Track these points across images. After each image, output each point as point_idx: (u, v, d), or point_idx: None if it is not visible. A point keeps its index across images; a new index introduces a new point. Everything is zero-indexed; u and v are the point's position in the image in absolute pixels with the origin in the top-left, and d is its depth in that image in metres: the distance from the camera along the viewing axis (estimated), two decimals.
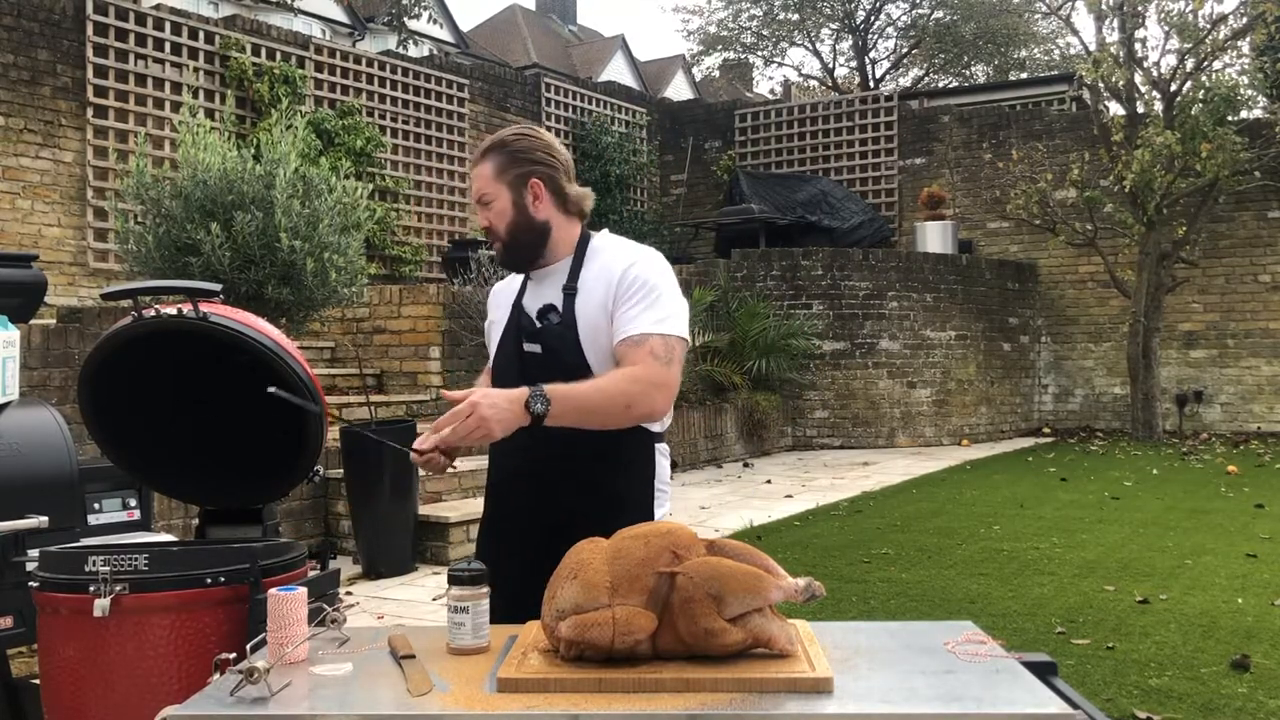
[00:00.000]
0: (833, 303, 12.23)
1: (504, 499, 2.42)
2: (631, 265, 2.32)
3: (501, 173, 2.35)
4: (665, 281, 2.33)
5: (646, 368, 2.22)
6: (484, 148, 2.39)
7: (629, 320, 2.27)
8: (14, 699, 2.73)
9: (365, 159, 12.11)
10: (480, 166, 2.37)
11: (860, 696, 1.62)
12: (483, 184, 2.36)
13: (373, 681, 1.72)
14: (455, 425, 2.07)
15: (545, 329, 2.34)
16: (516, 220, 2.36)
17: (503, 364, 2.42)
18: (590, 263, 2.37)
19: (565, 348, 2.30)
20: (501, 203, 2.35)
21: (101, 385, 2.46)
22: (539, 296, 2.39)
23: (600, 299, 2.31)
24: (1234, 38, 12.64)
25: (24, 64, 9.68)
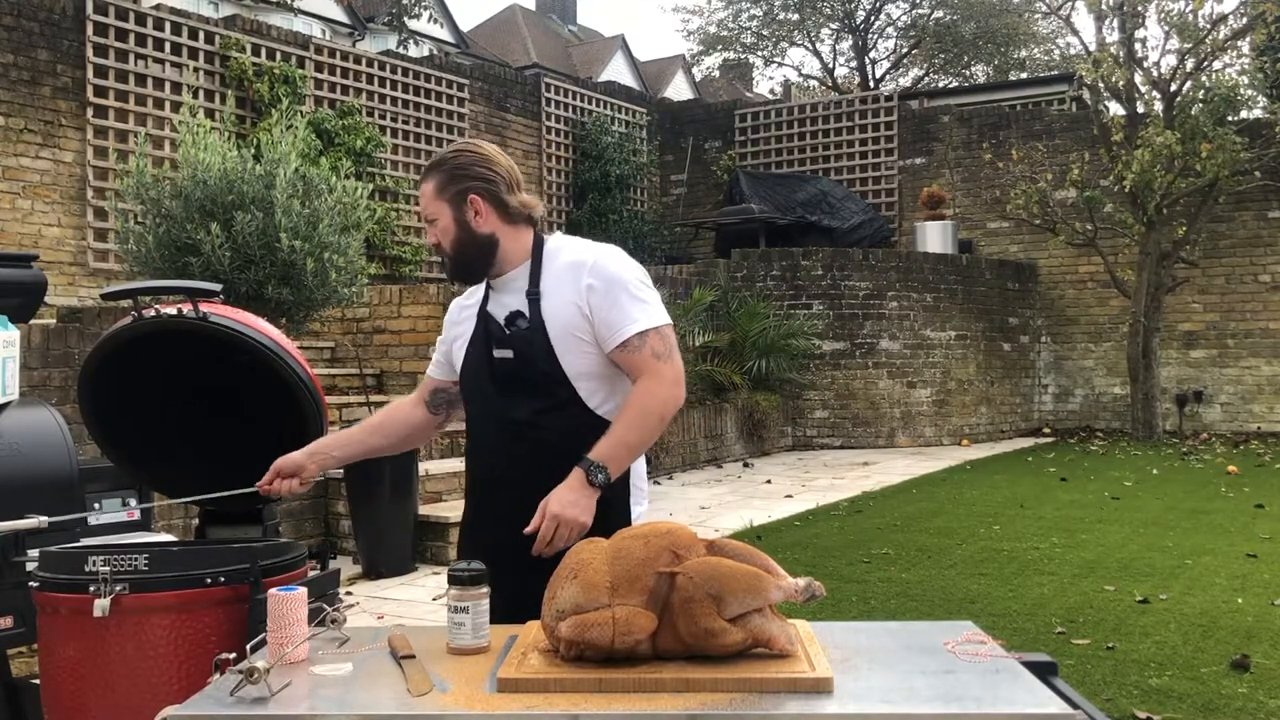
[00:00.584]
0: (833, 303, 12.23)
1: (483, 504, 2.44)
2: (596, 263, 2.35)
3: (441, 191, 2.39)
4: (634, 273, 2.38)
5: (656, 375, 2.30)
6: (427, 167, 2.44)
7: (617, 324, 2.31)
8: (14, 699, 2.73)
9: (365, 159, 12.11)
10: (423, 187, 2.41)
11: (860, 696, 1.62)
12: (425, 203, 2.41)
13: (373, 681, 1.72)
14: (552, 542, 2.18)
15: (515, 334, 2.36)
16: (459, 236, 2.39)
17: (472, 371, 2.44)
18: (549, 265, 2.40)
19: (536, 351, 2.33)
20: (444, 220, 2.39)
21: (101, 385, 2.46)
22: (503, 304, 2.42)
23: (568, 298, 2.34)
24: (1234, 38, 12.63)
25: (24, 64, 9.68)
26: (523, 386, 2.35)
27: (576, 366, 2.33)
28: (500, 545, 2.29)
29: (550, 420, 2.33)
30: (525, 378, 2.35)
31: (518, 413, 2.35)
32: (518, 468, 2.34)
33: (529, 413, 2.34)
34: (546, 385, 2.34)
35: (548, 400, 2.34)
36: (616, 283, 2.33)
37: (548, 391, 2.34)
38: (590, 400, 2.35)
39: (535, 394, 2.34)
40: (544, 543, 2.18)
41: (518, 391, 2.35)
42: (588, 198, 15.27)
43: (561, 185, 15.32)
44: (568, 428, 2.33)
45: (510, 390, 2.36)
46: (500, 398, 2.37)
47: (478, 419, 2.45)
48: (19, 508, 2.67)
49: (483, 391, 2.41)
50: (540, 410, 2.34)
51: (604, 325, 2.31)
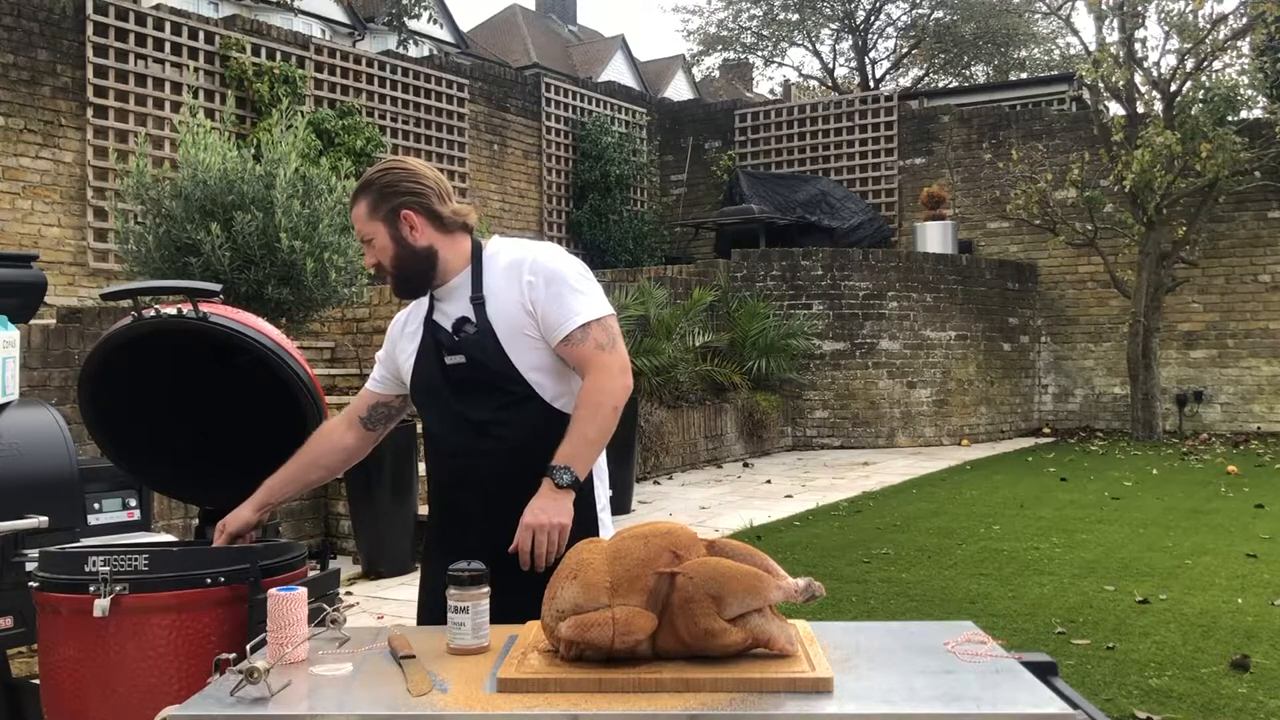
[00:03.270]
0: (833, 303, 12.23)
1: (451, 506, 2.45)
2: (535, 260, 2.39)
3: (374, 211, 2.40)
4: (571, 267, 2.42)
5: (601, 367, 2.34)
6: (355, 190, 2.45)
7: (560, 318, 2.35)
8: (14, 699, 2.72)
9: (365, 159, 12.10)
10: (355, 210, 2.43)
11: (860, 696, 1.62)
12: (360, 225, 2.42)
13: (373, 681, 1.72)
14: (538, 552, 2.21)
15: (465, 339, 2.39)
16: (399, 253, 2.41)
17: (425, 380, 2.46)
18: (489, 268, 2.43)
19: (488, 354, 2.37)
20: (381, 239, 2.41)
21: (101, 385, 2.46)
22: (448, 313, 2.44)
23: (512, 298, 2.37)
24: (1234, 38, 12.63)
25: (24, 64, 9.68)
26: (479, 388, 2.38)
27: (529, 362, 2.38)
28: (471, 547, 2.28)
29: (510, 416, 2.37)
30: (480, 380, 2.38)
31: (478, 413, 2.38)
32: (484, 466, 2.37)
33: (489, 411, 2.37)
34: (502, 384, 2.37)
35: (506, 397, 2.37)
36: (556, 277, 2.37)
37: (504, 390, 2.37)
38: (545, 394, 2.39)
39: (492, 393, 2.37)
40: (526, 554, 2.20)
41: (475, 393, 2.38)
42: (588, 198, 15.27)
43: (561, 185, 15.32)
44: (528, 422, 2.37)
45: (467, 393, 2.39)
46: (459, 401, 2.39)
47: (439, 425, 2.46)
48: (19, 508, 2.67)
49: (439, 398, 2.43)
50: (500, 407, 2.37)
51: (547, 320, 2.35)
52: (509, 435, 2.36)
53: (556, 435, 2.35)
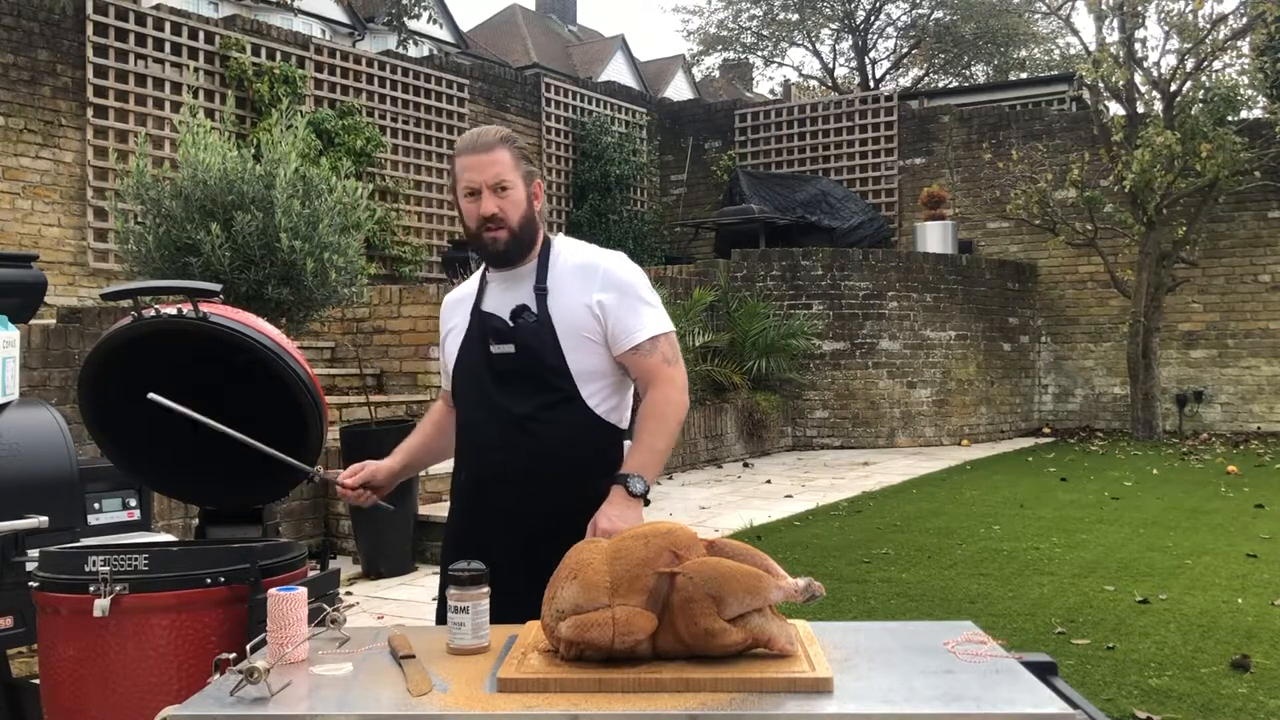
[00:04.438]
0: (833, 303, 12.23)
1: (483, 501, 2.41)
2: (609, 268, 2.40)
3: (517, 165, 2.38)
4: (642, 279, 2.43)
5: (669, 382, 2.39)
6: (495, 137, 2.38)
7: (632, 328, 2.36)
8: (14, 699, 2.72)
9: (365, 159, 12.11)
10: (496, 153, 2.36)
11: (860, 696, 1.62)
12: (503, 170, 2.35)
13: (373, 681, 1.72)
14: None
15: (521, 327, 2.35)
16: (526, 214, 2.39)
17: (466, 368, 2.43)
18: (555, 264, 2.42)
19: (544, 346, 2.34)
20: (518, 193, 2.37)
21: (101, 385, 2.46)
22: (506, 299, 2.40)
23: (579, 299, 2.36)
24: (1234, 38, 12.63)
25: (24, 64, 9.68)
26: (525, 382, 2.35)
27: (582, 365, 2.35)
28: (502, 544, 2.29)
29: (552, 415, 2.34)
30: (528, 373, 2.35)
31: (521, 408, 2.34)
32: (518, 463, 2.33)
33: (532, 408, 2.34)
34: (549, 380, 2.34)
35: (551, 395, 2.34)
36: (630, 287, 2.40)
37: (552, 387, 2.34)
38: (591, 400, 2.36)
39: (539, 389, 2.34)
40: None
41: (519, 387, 2.35)
42: (588, 198, 15.27)
43: (561, 185, 15.31)
44: (568, 424, 2.34)
45: (511, 386, 2.35)
46: (501, 393, 2.35)
47: (475, 415, 2.42)
48: (19, 508, 2.67)
49: (481, 388, 2.39)
50: (543, 406, 2.34)
51: (618, 328, 2.37)
52: (548, 434, 2.33)
53: (594, 440, 2.35)
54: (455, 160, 2.43)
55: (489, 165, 2.35)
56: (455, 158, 2.43)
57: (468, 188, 2.37)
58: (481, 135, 2.40)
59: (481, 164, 2.36)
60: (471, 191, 2.37)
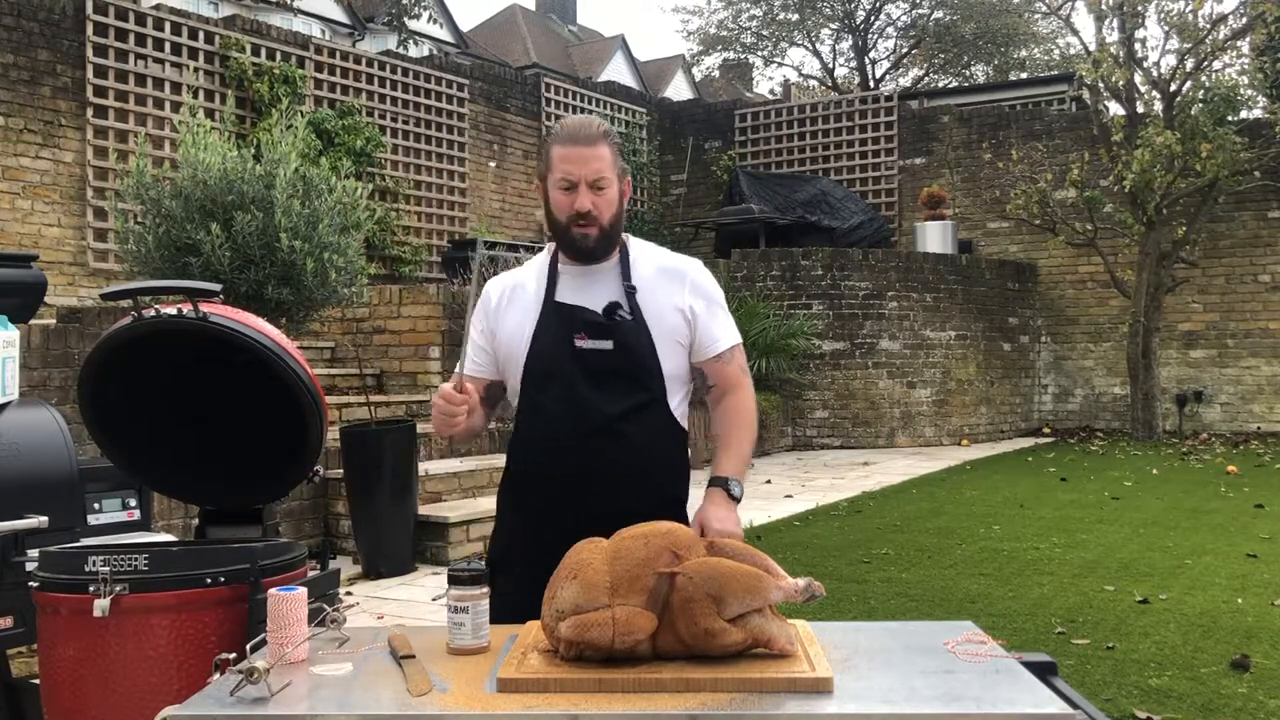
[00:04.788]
0: (833, 303, 12.23)
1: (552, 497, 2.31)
2: (697, 276, 2.43)
3: (615, 161, 2.35)
4: (719, 288, 2.48)
5: (746, 390, 2.47)
6: (598, 130, 2.34)
7: (715, 336, 2.42)
8: (14, 699, 2.72)
9: (365, 159, 12.11)
10: (599, 148, 2.31)
11: (860, 696, 1.62)
12: (603, 167, 2.31)
13: (373, 681, 1.72)
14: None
15: (621, 324, 2.32)
16: (618, 212, 2.37)
17: (547, 360, 2.33)
18: (635, 263, 2.40)
19: (642, 346, 2.32)
20: (613, 191, 2.34)
21: (101, 385, 2.46)
22: (589, 293, 2.36)
23: (670, 303, 2.37)
24: (1234, 38, 12.63)
25: (24, 64, 9.68)
26: (619, 380, 2.31)
27: (670, 368, 2.37)
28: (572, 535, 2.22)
29: (642, 417, 2.33)
30: (625, 372, 2.31)
31: (613, 406, 2.30)
32: (608, 462, 2.29)
33: (624, 408, 2.31)
34: (644, 381, 2.33)
35: (643, 396, 2.33)
36: (715, 297, 2.44)
37: (644, 387, 2.33)
38: (672, 402, 2.38)
39: (632, 389, 2.32)
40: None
41: (613, 385, 2.30)
42: None
43: None
44: (655, 426, 2.36)
45: (604, 383, 2.30)
46: (593, 390, 2.29)
47: (556, 409, 2.31)
48: (19, 508, 2.67)
49: (565, 381, 2.30)
50: (636, 406, 2.32)
51: (705, 335, 2.40)
52: (638, 435, 2.31)
53: (674, 443, 2.38)
54: (552, 147, 2.34)
55: (591, 160, 2.30)
56: (552, 144, 2.35)
57: (565, 179, 2.31)
58: (585, 127, 2.34)
59: (584, 157, 2.30)
60: (568, 185, 2.31)
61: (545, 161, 2.37)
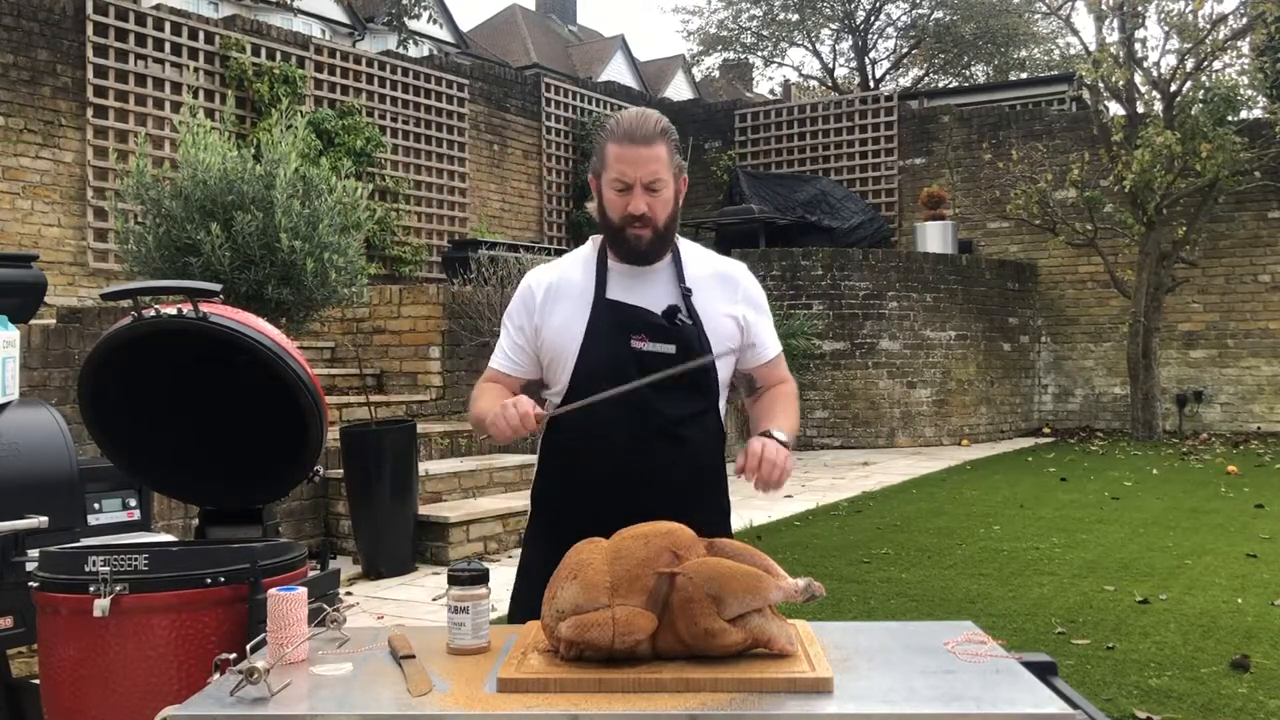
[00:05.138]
0: (833, 303, 12.23)
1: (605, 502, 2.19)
2: (748, 283, 2.40)
3: (672, 161, 2.24)
4: (765, 296, 2.47)
5: (790, 380, 2.48)
6: (656, 128, 2.22)
7: (766, 343, 2.42)
8: (14, 699, 2.72)
9: (365, 159, 12.10)
10: (656, 148, 2.20)
11: (860, 696, 1.62)
12: (659, 168, 2.21)
13: (373, 681, 1.72)
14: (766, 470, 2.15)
15: (683, 329, 2.25)
16: (673, 213, 2.27)
17: (603, 360, 2.22)
18: (688, 265, 2.34)
19: (704, 350, 2.26)
20: (668, 192, 2.24)
21: (101, 385, 2.45)
22: (643, 293, 2.28)
23: (724, 309, 2.32)
24: (1234, 38, 12.64)
25: (24, 64, 9.68)
26: (679, 385, 2.22)
27: (723, 374, 2.34)
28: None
29: (700, 423, 2.29)
30: (689, 377, 2.23)
31: (674, 411, 2.24)
32: (660, 468, 2.23)
33: (684, 413, 2.26)
34: (702, 386, 2.29)
35: (701, 402, 2.30)
36: (764, 305, 2.43)
37: (702, 393, 2.29)
38: (721, 409, 2.35)
39: (691, 394, 2.27)
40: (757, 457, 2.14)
41: (674, 390, 2.22)
42: (588, 198, 15.25)
43: (561, 185, 15.32)
44: (711, 433, 2.32)
45: (664, 387, 2.19)
46: (653, 393, 2.19)
47: (608, 413, 2.17)
48: (19, 508, 2.67)
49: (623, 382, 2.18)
50: (695, 412, 2.28)
51: (757, 342, 2.39)
52: (696, 440, 2.27)
53: (720, 452, 2.35)
54: (607, 144, 2.23)
55: (648, 161, 2.20)
56: (608, 142, 2.24)
57: (619, 180, 2.22)
58: (642, 125, 2.21)
59: (640, 158, 2.20)
60: (623, 186, 2.22)
61: (600, 158, 2.27)
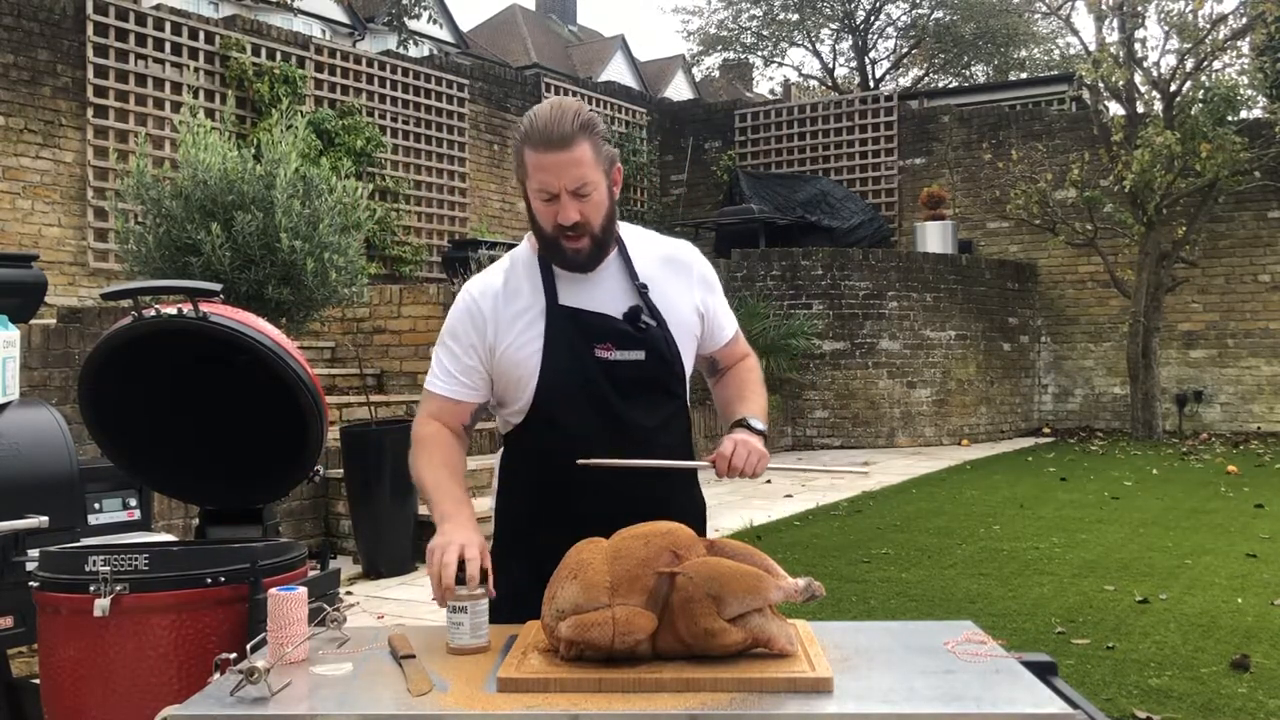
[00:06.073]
0: (833, 303, 12.23)
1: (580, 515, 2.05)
2: (698, 262, 2.27)
3: (599, 158, 2.03)
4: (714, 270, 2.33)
5: (751, 355, 2.36)
6: (573, 125, 1.98)
7: (723, 325, 2.29)
8: (14, 699, 2.73)
9: (365, 159, 12.11)
10: (576, 150, 1.98)
11: (860, 696, 1.62)
12: (585, 171, 1.99)
13: (373, 681, 1.72)
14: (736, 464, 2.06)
15: (650, 332, 2.09)
16: (610, 212, 2.07)
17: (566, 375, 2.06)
18: (634, 253, 2.17)
19: (672, 353, 2.13)
20: (600, 193, 2.03)
21: (101, 385, 2.46)
22: (598, 295, 2.10)
23: (683, 298, 2.18)
24: (1234, 38, 12.64)
25: (24, 64, 9.68)
26: (650, 391, 2.12)
27: (689, 369, 2.21)
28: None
29: (674, 426, 2.18)
30: (655, 382, 2.11)
31: (648, 420, 2.11)
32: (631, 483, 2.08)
33: (657, 418, 2.13)
34: (673, 389, 2.17)
35: (672, 405, 2.18)
36: (716, 282, 2.29)
37: (673, 395, 2.17)
38: (687, 401, 2.24)
39: (663, 399, 2.15)
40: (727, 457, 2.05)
41: (644, 397, 2.11)
42: None
43: None
44: (682, 434, 2.21)
45: (634, 396, 2.09)
46: (625, 404, 2.08)
47: (582, 427, 2.06)
48: (19, 508, 2.67)
49: (590, 396, 2.06)
50: (668, 417, 2.17)
51: (714, 325, 2.26)
52: (671, 446, 2.13)
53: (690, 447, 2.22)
54: (524, 150, 2.02)
55: (568, 167, 1.98)
56: (524, 147, 2.02)
57: (541, 190, 2.02)
58: (556, 126, 1.98)
59: (559, 165, 1.98)
60: (548, 196, 2.02)
61: (519, 163, 2.05)
